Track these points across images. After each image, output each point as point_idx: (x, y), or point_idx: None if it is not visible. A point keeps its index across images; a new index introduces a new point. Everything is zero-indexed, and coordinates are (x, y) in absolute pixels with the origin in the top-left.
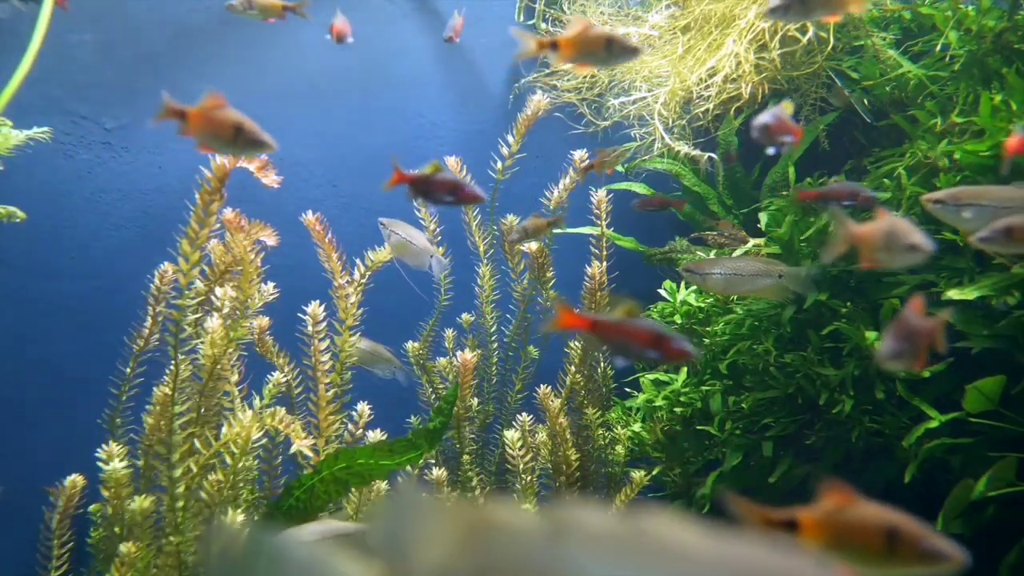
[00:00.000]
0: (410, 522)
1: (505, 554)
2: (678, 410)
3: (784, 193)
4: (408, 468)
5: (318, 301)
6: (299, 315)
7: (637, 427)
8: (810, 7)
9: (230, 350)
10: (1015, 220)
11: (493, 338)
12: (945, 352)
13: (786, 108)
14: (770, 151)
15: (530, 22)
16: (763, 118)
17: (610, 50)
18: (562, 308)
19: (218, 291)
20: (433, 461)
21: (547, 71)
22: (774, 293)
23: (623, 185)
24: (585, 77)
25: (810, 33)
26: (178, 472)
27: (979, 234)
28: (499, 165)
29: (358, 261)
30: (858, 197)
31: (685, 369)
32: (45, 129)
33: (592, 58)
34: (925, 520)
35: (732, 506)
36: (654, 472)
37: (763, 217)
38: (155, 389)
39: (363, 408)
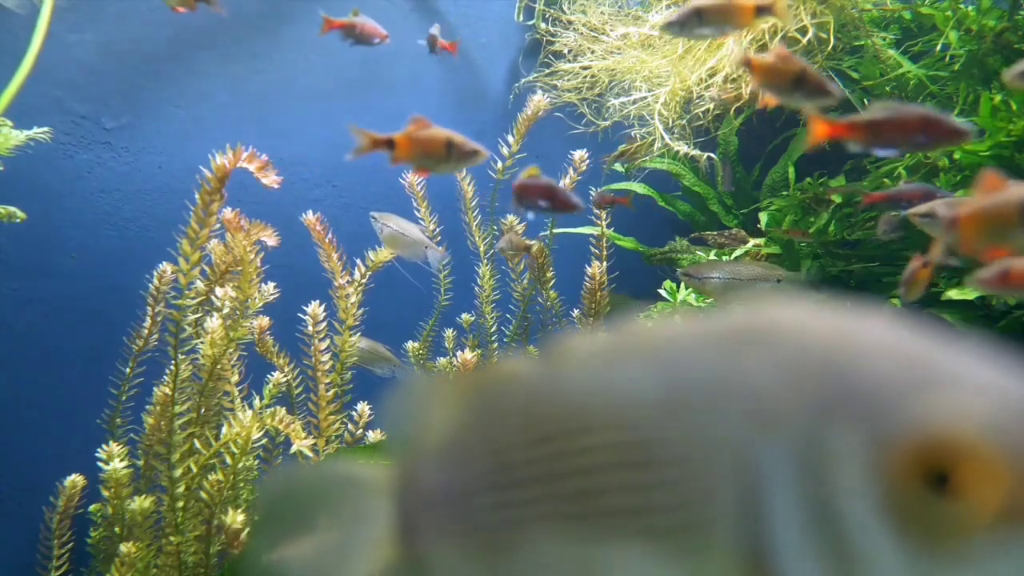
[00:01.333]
0: (416, 407)
1: (510, 402)
2: None
3: (784, 194)
4: None
5: (318, 301)
6: (299, 315)
7: None
8: (707, 23)
9: (230, 350)
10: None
11: (493, 338)
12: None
13: (532, 172)
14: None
15: (530, 22)
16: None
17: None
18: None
19: (218, 291)
20: None
21: (547, 71)
22: None
23: (622, 185)
24: (585, 77)
25: (810, 34)
26: (178, 472)
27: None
28: (499, 165)
29: (358, 261)
30: (934, 197)
31: None
32: (45, 129)
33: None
34: None
35: None
36: None
37: (763, 217)
38: (155, 389)
39: (363, 408)
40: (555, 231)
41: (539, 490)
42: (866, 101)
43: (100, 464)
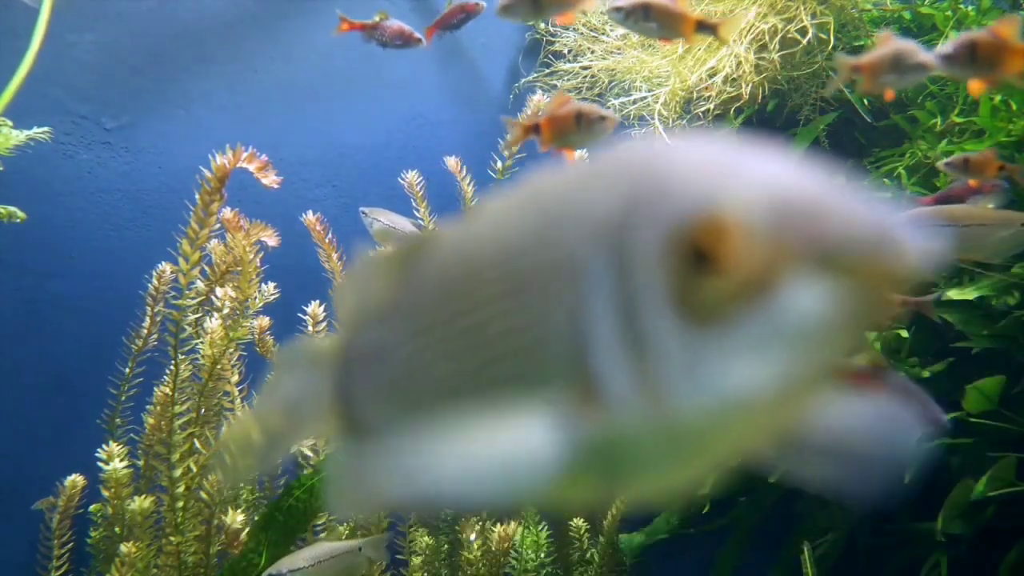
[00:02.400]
0: (354, 284)
1: (428, 265)
2: None
3: None
4: None
5: (318, 301)
6: (299, 315)
7: None
8: (653, 19)
9: (230, 350)
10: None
11: None
12: None
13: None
14: None
15: (530, 22)
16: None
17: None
18: None
19: (218, 291)
20: None
21: (547, 71)
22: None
23: None
24: (585, 77)
25: (810, 34)
26: (178, 472)
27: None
28: (499, 165)
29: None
30: (983, 189)
31: None
32: (45, 129)
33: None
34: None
35: None
36: None
37: None
38: (155, 389)
39: None
40: None
41: (443, 337)
42: (866, 101)
43: (100, 464)
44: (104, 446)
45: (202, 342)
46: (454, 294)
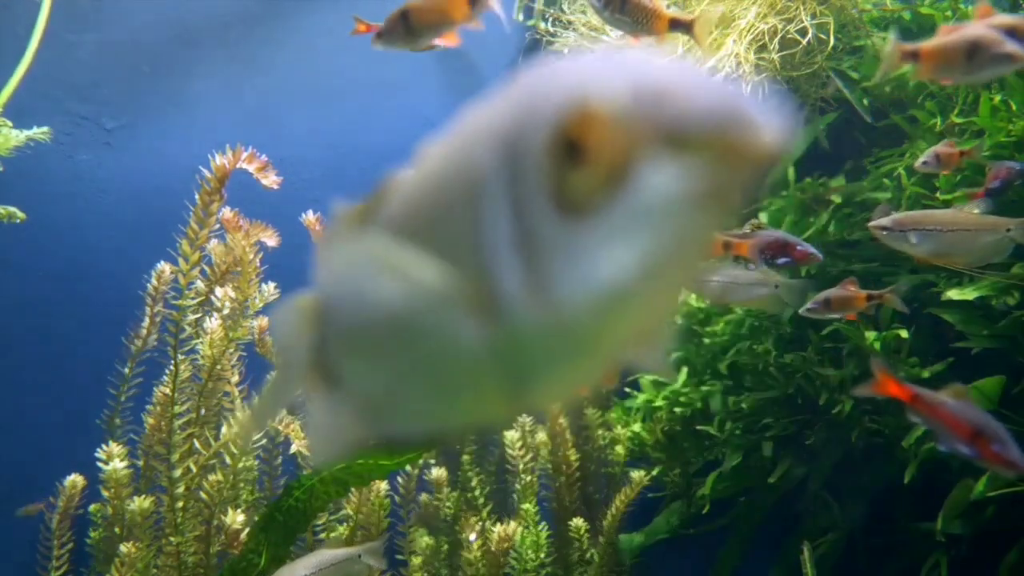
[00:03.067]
0: (330, 237)
1: (384, 211)
2: (678, 410)
3: (784, 193)
4: (408, 468)
5: None
6: None
7: (637, 427)
8: (628, 14)
9: (230, 350)
10: (832, 293)
11: None
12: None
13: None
14: None
15: (530, 21)
16: None
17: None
18: (882, 372)
19: (218, 291)
20: (433, 461)
21: None
22: (770, 303)
23: None
24: None
25: (810, 35)
26: (178, 472)
27: (803, 309)
28: None
29: None
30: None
31: (685, 369)
32: (45, 129)
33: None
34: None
35: None
36: (654, 472)
37: (763, 217)
38: (155, 389)
39: None
40: None
41: None
42: (866, 101)
43: (100, 464)
44: (104, 446)
45: (202, 342)
46: (400, 234)
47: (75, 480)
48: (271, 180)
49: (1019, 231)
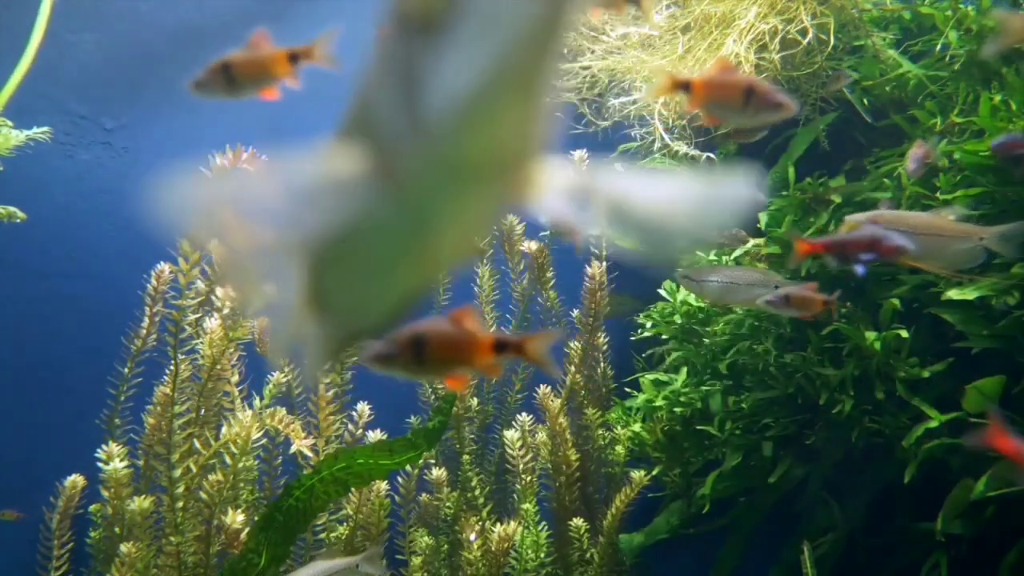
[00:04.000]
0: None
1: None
2: (678, 410)
3: (784, 194)
4: (408, 468)
5: None
6: None
7: (637, 427)
8: (237, 86)
9: (230, 350)
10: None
11: None
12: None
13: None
14: None
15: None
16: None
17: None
18: (996, 425)
19: (218, 291)
20: (433, 461)
21: None
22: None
23: None
24: (585, 77)
25: (810, 35)
26: (178, 472)
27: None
28: None
29: None
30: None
31: (685, 369)
32: (45, 129)
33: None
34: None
35: None
36: (654, 472)
37: (763, 217)
38: (155, 389)
39: (363, 408)
40: (555, 231)
41: None
42: (866, 101)
43: (100, 464)
44: (104, 446)
45: (202, 342)
46: (346, 137)
47: (75, 480)
48: None
49: (992, 240)
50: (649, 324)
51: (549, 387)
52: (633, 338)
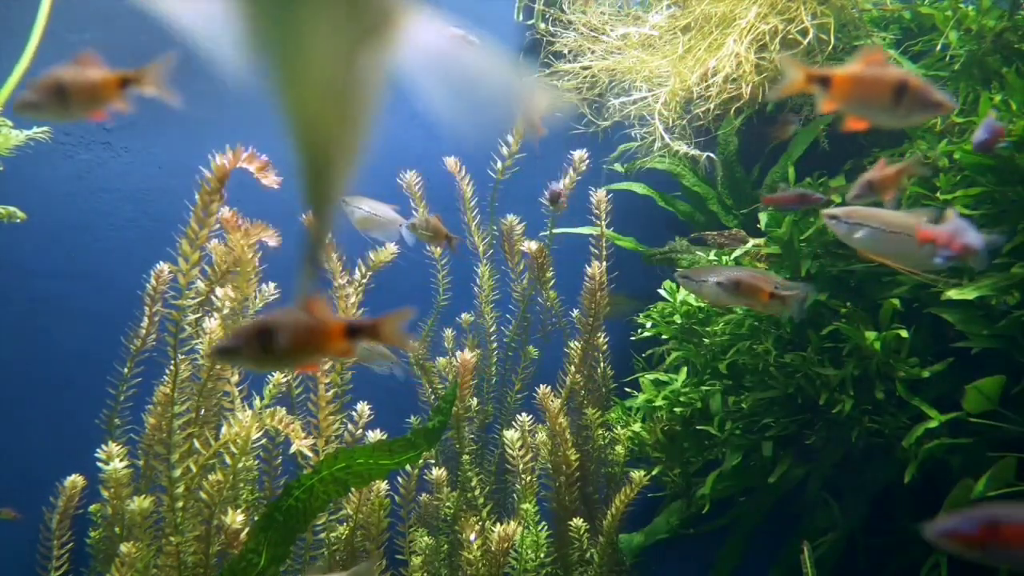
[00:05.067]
0: None
1: None
2: (678, 410)
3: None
4: (408, 468)
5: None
6: None
7: (637, 427)
8: (69, 105)
9: None
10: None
11: (492, 338)
12: None
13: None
14: None
15: (529, 22)
16: None
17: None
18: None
19: (218, 291)
20: (433, 461)
21: (547, 71)
22: (767, 307)
23: (623, 185)
24: (585, 77)
25: (811, 35)
26: (178, 472)
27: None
28: (499, 165)
29: (359, 261)
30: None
31: (685, 369)
32: (45, 129)
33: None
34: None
35: None
36: (654, 472)
37: (763, 217)
38: (155, 389)
39: (363, 408)
40: (555, 231)
41: None
42: None
43: (100, 464)
44: (104, 446)
45: (201, 342)
46: None
47: (75, 480)
48: (271, 180)
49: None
50: (649, 324)
51: (549, 387)
52: (633, 338)
